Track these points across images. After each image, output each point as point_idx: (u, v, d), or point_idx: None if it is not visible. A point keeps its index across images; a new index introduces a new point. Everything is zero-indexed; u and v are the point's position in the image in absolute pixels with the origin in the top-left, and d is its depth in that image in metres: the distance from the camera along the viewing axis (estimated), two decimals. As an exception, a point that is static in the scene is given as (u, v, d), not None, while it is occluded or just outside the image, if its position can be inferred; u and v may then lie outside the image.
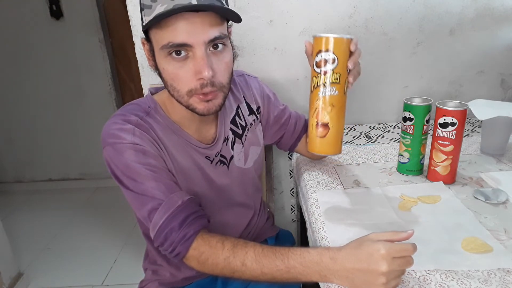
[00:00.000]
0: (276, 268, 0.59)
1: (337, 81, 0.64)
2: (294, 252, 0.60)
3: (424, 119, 0.83)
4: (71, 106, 2.46)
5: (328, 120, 0.65)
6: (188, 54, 0.63)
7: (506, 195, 0.77)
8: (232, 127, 0.84)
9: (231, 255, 0.62)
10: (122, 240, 2.00)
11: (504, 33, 1.21)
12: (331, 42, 0.63)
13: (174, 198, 0.67)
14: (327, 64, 0.63)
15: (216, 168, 0.80)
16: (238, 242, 0.64)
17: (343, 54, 0.63)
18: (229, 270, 0.63)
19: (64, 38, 2.30)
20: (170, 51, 0.63)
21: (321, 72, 0.64)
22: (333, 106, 0.65)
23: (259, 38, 1.18)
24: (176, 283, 0.87)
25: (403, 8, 1.16)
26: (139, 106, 0.74)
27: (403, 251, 0.53)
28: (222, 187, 0.82)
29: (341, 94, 0.65)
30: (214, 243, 0.65)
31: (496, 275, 0.57)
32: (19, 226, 2.22)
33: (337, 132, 0.67)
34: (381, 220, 0.73)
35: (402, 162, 0.89)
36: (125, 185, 0.68)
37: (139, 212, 0.69)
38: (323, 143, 0.67)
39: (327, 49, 0.63)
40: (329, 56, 0.63)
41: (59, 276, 1.78)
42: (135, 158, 0.67)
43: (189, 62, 0.64)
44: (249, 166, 0.88)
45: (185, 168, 0.75)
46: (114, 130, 0.68)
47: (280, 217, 1.45)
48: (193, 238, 0.65)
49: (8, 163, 2.62)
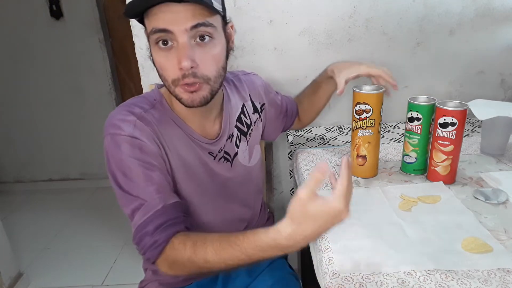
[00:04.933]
0: (237, 258, 0.59)
1: (372, 125, 0.83)
2: (248, 241, 0.58)
3: (431, 118, 0.83)
4: (71, 106, 2.46)
5: (365, 153, 0.86)
6: (173, 44, 0.64)
7: (506, 195, 0.77)
8: (238, 125, 0.85)
9: (193, 254, 0.62)
10: (122, 240, 2.00)
11: (504, 33, 1.21)
12: (368, 97, 0.81)
13: (156, 201, 0.66)
14: (363, 113, 0.82)
15: (218, 164, 0.81)
16: (197, 238, 0.63)
17: (377, 104, 0.81)
18: (196, 268, 0.62)
19: (64, 38, 2.30)
20: (157, 39, 0.64)
21: (359, 118, 0.83)
22: (369, 143, 0.85)
23: (259, 38, 1.18)
24: (177, 283, 0.86)
25: (403, 8, 1.16)
26: (145, 99, 0.74)
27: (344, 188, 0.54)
28: (224, 183, 0.82)
29: (375, 134, 0.84)
30: (177, 244, 0.64)
31: (496, 275, 0.57)
32: (19, 226, 2.21)
33: (373, 161, 0.88)
34: (381, 220, 0.73)
35: (409, 162, 0.89)
36: (116, 179, 0.68)
37: (124, 209, 0.69)
38: (362, 169, 0.88)
39: (364, 102, 0.81)
40: (365, 107, 0.81)
41: (59, 276, 1.78)
42: (131, 152, 0.67)
43: (173, 52, 0.64)
44: (253, 164, 0.88)
45: (188, 161, 0.75)
46: (116, 120, 0.69)
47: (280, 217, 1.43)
48: (162, 246, 0.64)
49: (8, 163, 2.62)
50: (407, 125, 0.87)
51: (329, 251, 0.66)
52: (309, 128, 1.27)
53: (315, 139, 1.18)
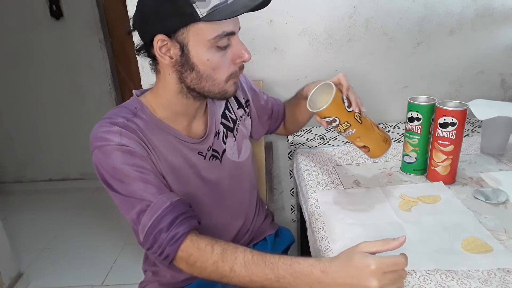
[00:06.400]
0: (265, 276, 0.58)
1: (348, 125, 0.76)
2: (284, 262, 0.58)
3: (431, 118, 0.83)
4: (71, 106, 2.46)
5: (363, 144, 0.80)
6: (229, 42, 0.69)
7: (506, 195, 0.77)
8: (223, 121, 0.85)
9: (220, 260, 0.61)
10: (122, 240, 2.00)
11: (504, 33, 1.20)
12: (325, 111, 0.73)
13: (162, 199, 0.66)
14: (333, 123, 0.75)
15: (209, 163, 0.80)
16: (228, 246, 0.63)
17: (339, 110, 0.74)
18: (217, 274, 0.62)
19: (64, 38, 2.29)
20: (216, 42, 0.67)
21: (334, 126, 0.77)
22: (358, 137, 0.78)
23: (259, 38, 1.18)
24: (176, 284, 0.86)
25: (403, 8, 1.16)
26: (125, 108, 0.74)
27: (394, 265, 0.51)
28: (215, 183, 0.82)
29: (357, 128, 0.77)
30: (203, 246, 0.63)
31: (496, 275, 0.57)
32: (19, 226, 2.21)
33: (375, 145, 0.81)
34: (381, 220, 0.73)
35: (409, 162, 0.89)
36: (113, 188, 0.68)
37: (128, 215, 0.68)
38: (370, 154, 0.82)
39: (324, 116, 0.74)
40: (330, 119, 0.74)
41: (59, 276, 1.78)
42: (123, 159, 0.67)
43: (228, 50, 0.69)
44: (243, 160, 0.88)
45: (176, 166, 0.75)
46: (101, 133, 0.68)
47: (280, 217, 1.45)
48: (182, 239, 0.64)
49: (8, 163, 2.62)
50: (407, 125, 0.87)
51: (329, 251, 0.66)
52: (309, 128, 1.27)
53: (315, 139, 1.18)
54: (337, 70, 1.21)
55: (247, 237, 0.93)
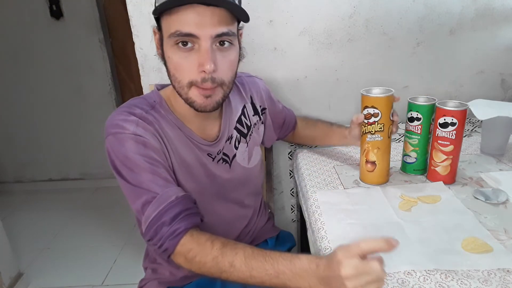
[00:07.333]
0: (265, 272, 0.58)
1: (381, 129, 0.79)
2: (284, 258, 0.58)
3: (431, 118, 0.83)
4: (71, 106, 2.46)
5: (375, 159, 0.82)
6: (194, 46, 0.65)
7: (506, 195, 0.77)
8: (238, 126, 0.85)
9: (220, 255, 0.61)
10: (122, 240, 2.00)
11: (504, 33, 1.20)
12: (376, 100, 0.78)
13: (168, 193, 0.67)
14: (372, 117, 0.78)
15: (218, 165, 0.81)
16: (228, 242, 0.63)
17: (386, 108, 0.78)
18: (217, 270, 0.62)
19: (64, 38, 2.30)
20: (177, 41, 0.64)
21: (367, 123, 0.80)
22: (378, 148, 0.81)
23: (259, 38, 1.18)
24: (176, 282, 0.87)
25: (403, 8, 1.16)
26: (145, 100, 0.75)
27: (365, 265, 0.51)
28: (223, 183, 0.82)
29: (385, 139, 0.81)
30: (203, 241, 0.63)
31: (496, 275, 0.57)
32: (19, 226, 2.21)
33: (383, 167, 0.84)
34: (381, 220, 0.73)
35: (409, 162, 0.89)
36: (122, 176, 0.68)
37: (133, 204, 0.68)
38: (371, 175, 0.85)
39: (372, 105, 0.78)
40: (374, 111, 0.78)
41: (59, 276, 1.78)
42: (136, 149, 0.67)
43: (194, 54, 0.65)
44: (252, 166, 0.88)
45: (188, 162, 0.76)
46: (118, 121, 0.69)
47: (280, 217, 1.45)
48: (182, 235, 0.64)
49: (8, 163, 2.62)
50: (407, 125, 0.87)
51: (329, 251, 0.66)
52: (309, 128, 1.27)
53: (315, 139, 1.18)
54: (337, 70, 1.21)
55: (248, 238, 0.93)
